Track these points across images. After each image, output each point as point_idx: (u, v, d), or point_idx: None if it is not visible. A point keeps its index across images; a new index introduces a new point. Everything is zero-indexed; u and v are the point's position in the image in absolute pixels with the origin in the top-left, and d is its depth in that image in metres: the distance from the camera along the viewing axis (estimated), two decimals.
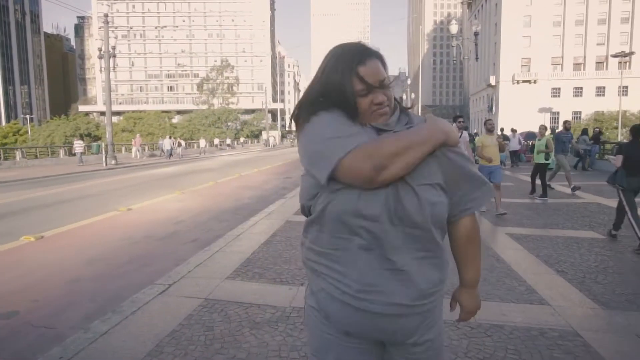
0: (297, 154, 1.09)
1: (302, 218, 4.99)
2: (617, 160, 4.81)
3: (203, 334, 2.60)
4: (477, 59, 17.71)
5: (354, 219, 1.00)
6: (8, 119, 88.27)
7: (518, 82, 55.55)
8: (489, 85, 58.79)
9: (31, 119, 79.51)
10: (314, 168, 1.00)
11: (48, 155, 24.34)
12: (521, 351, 2.46)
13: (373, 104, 1.03)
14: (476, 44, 17.55)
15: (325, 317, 1.09)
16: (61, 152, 24.23)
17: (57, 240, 5.41)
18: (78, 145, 20.58)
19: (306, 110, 1.07)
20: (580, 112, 51.86)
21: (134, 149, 26.95)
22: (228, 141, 45.73)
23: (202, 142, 33.27)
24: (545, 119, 46.12)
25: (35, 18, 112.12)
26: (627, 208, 4.73)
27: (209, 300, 3.12)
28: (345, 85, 1.01)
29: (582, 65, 55.28)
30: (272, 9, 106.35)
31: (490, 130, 6.95)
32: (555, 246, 4.76)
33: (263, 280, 3.56)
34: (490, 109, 58.36)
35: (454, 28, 17.73)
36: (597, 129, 16.57)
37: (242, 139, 54.21)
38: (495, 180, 6.60)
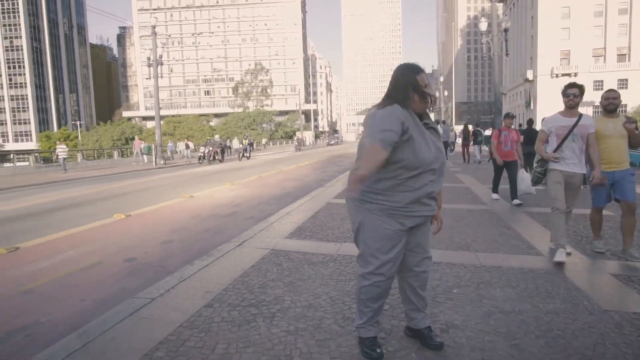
0: (331, 152, 2.06)
1: (341, 200, 6.10)
2: None
3: (274, 267, 3.60)
4: (507, 54, 18.00)
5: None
6: (59, 126, 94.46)
7: (557, 75, 54.02)
8: (526, 80, 57.51)
9: (80, 125, 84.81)
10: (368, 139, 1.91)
11: (103, 156, 26.53)
12: (511, 279, 3.28)
13: (421, 99, 1.98)
14: (506, 40, 17.85)
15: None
16: (115, 153, 26.38)
17: (141, 217, 6.64)
18: (137, 145, 22.88)
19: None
20: (625, 105, 49.81)
21: (135, 152, 25.16)
22: (245, 142, 40.42)
23: (236, 143, 33.37)
24: (588, 113, 44.69)
25: (82, 30, 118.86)
26: None
27: (274, 250, 4.12)
28: (408, 85, 1.96)
29: (627, 56, 53.03)
30: (304, 11, 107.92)
31: (611, 110, 3.88)
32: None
33: (314, 239, 4.53)
34: (527, 104, 57.12)
35: (483, 25, 18.13)
36: None
37: (263, 141, 53.84)
38: (625, 198, 3.73)
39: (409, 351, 2.19)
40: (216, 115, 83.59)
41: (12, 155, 27.71)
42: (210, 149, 21.77)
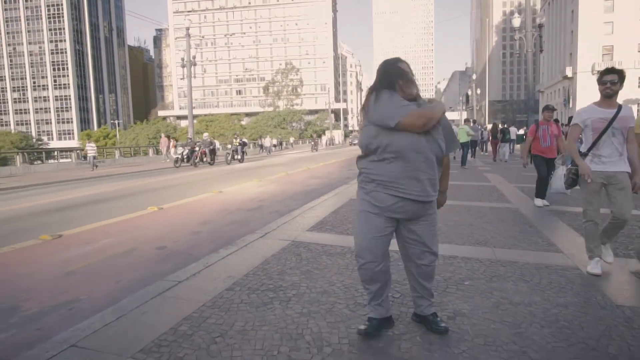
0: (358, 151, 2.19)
1: None
2: None
3: (294, 257, 3.77)
4: (541, 51, 17.50)
5: (406, 151, 2.05)
6: (99, 124, 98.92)
7: (599, 72, 51.64)
8: (565, 77, 55.30)
9: (118, 124, 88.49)
10: (385, 120, 2.03)
11: (139, 154, 27.68)
12: (525, 273, 3.31)
13: (404, 85, 2.10)
14: (540, 36, 17.36)
15: (374, 201, 2.16)
16: (150, 151, 27.47)
17: (172, 210, 7.01)
18: (164, 144, 23.70)
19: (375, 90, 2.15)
20: None
21: (163, 150, 25.27)
22: (274, 142, 38.82)
23: (268, 142, 33.12)
24: (633, 112, 42.45)
25: (121, 33, 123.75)
26: None
27: (295, 242, 4.30)
28: (393, 74, 2.11)
29: None
30: (334, 10, 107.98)
31: None
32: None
33: (333, 232, 4.68)
34: (566, 102, 54.89)
35: (516, 22, 17.69)
36: None
37: (291, 139, 54.11)
38: None
39: (414, 334, 2.31)
40: (247, 115, 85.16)
41: (56, 153, 29.36)
42: (195, 149, 18.65)
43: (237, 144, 21.35)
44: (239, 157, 21.09)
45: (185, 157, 18.43)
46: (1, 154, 29.96)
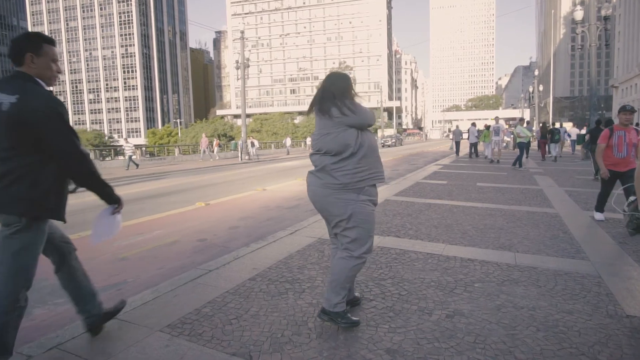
0: (406, 150, 2.39)
1: (400, 197, 6.48)
2: None
3: (317, 253, 4.04)
4: (607, 45, 16.35)
5: (373, 143, 2.39)
6: (163, 123, 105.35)
7: None
8: None
9: (180, 123, 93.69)
10: (370, 121, 2.37)
11: (198, 152, 29.31)
12: (540, 279, 3.33)
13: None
14: (606, 29, 16.23)
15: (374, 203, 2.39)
16: (207, 149, 28.96)
17: (218, 206, 7.56)
18: (204, 143, 25.15)
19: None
20: None
21: (201, 149, 25.79)
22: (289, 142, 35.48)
23: (288, 141, 32.47)
24: None
25: (183, 36, 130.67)
26: None
27: (320, 239, 4.56)
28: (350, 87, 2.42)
29: None
30: (389, 7, 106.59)
31: None
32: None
33: None
34: None
35: (578, 14, 16.64)
36: None
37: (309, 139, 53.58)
38: None
39: (409, 329, 2.49)
40: (300, 113, 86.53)
41: (123, 149, 31.85)
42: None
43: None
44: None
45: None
46: None
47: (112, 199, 2.25)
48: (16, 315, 2.00)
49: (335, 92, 2.35)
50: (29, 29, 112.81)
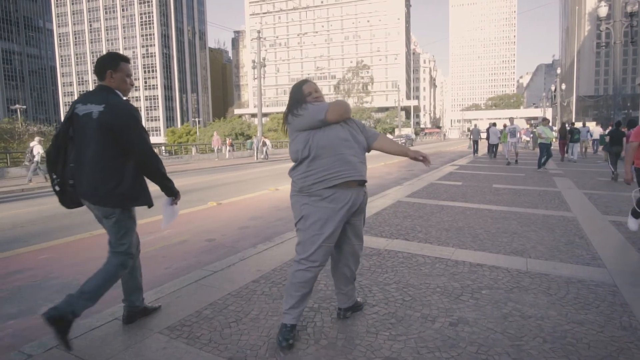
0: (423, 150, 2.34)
1: (412, 199, 6.39)
2: None
3: None
4: (633, 42, 15.76)
5: (335, 140, 2.32)
6: (182, 122, 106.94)
7: None
8: None
9: (199, 122, 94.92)
10: (315, 116, 2.27)
11: (214, 151, 29.66)
12: (551, 287, 3.21)
13: (312, 98, 2.38)
14: (632, 26, 15.69)
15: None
16: (223, 148, 29.26)
17: (229, 205, 7.60)
18: (216, 142, 25.55)
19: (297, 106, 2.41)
20: None
21: (215, 149, 25.92)
22: None
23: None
24: None
25: (202, 36, 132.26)
26: None
27: None
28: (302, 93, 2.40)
29: None
30: (408, 5, 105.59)
31: None
32: None
33: (368, 234, 4.82)
34: None
35: (602, 11, 16.12)
36: None
37: None
38: None
39: (409, 337, 2.43)
40: None
41: None
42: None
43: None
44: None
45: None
46: None
47: (172, 192, 2.70)
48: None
49: (290, 104, 2.42)
50: (54, 31, 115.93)
